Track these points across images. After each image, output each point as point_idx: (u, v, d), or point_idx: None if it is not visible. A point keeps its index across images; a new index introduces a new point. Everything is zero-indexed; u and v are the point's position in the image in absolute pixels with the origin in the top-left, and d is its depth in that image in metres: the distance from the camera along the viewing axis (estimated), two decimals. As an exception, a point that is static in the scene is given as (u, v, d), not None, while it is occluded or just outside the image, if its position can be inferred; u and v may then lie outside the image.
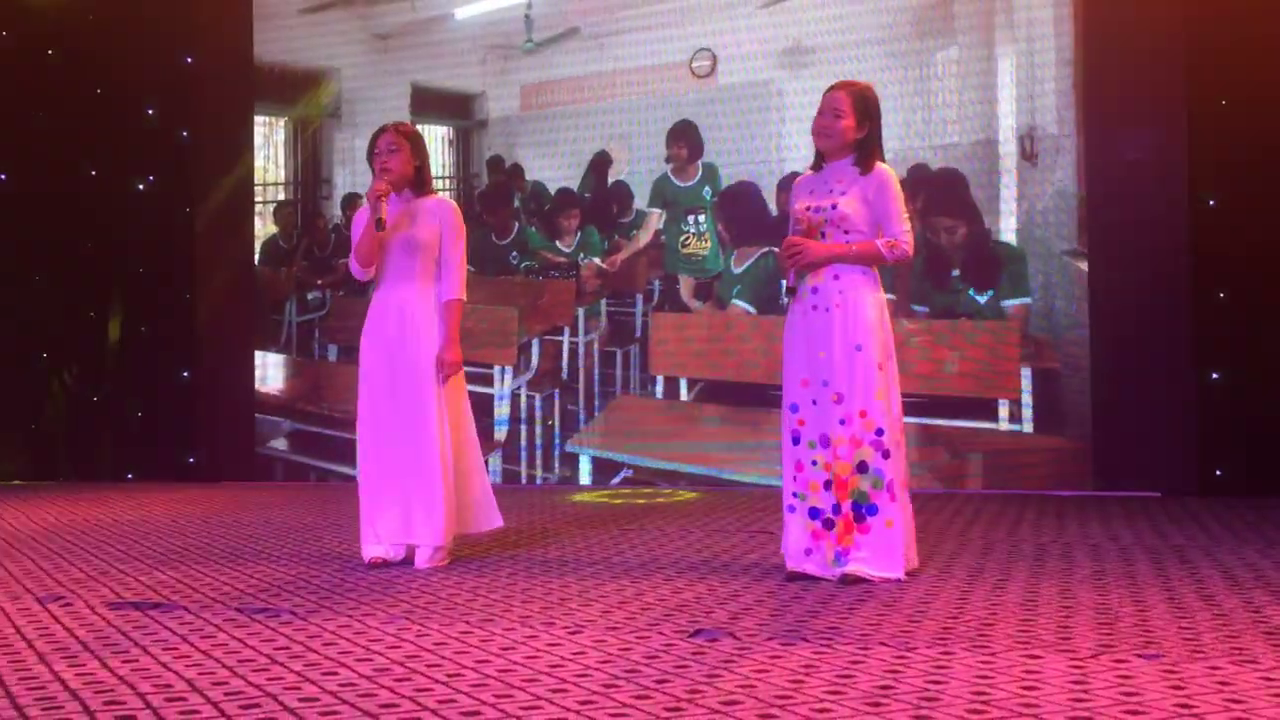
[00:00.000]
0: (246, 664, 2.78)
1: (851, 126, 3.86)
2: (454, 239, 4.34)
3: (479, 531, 4.49)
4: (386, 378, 4.29)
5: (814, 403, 3.82)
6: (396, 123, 4.49)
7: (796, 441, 3.85)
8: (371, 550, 4.30)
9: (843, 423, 3.75)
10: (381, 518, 4.27)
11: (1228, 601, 3.33)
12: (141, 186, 8.41)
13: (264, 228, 8.57)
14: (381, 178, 4.25)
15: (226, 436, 8.23)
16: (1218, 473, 6.16)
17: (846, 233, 3.84)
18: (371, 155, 4.36)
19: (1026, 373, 6.58)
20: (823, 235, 3.85)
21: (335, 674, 2.67)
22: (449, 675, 2.64)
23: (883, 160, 3.94)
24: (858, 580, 3.70)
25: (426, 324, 4.28)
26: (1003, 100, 6.74)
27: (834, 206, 3.83)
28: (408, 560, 4.30)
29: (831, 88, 3.94)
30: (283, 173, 8.65)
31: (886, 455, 3.74)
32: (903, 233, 3.84)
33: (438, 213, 4.34)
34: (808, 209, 3.87)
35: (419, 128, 4.72)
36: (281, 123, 8.60)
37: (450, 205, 4.45)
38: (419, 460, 4.22)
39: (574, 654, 2.82)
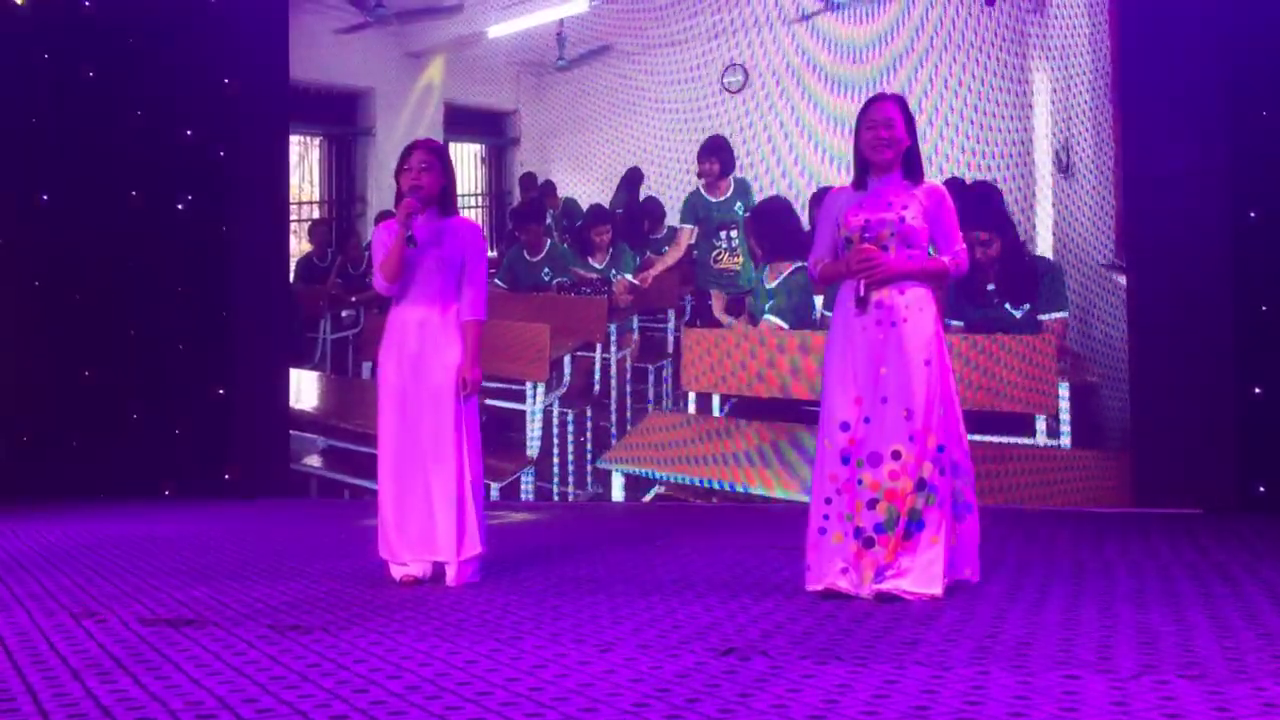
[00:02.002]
0: (278, 681, 2.78)
1: (904, 135, 3.83)
2: (477, 260, 4.37)
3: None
4: (408, 394, 4.29)
5: (866, 420, 3.73)
6: (427, 139, 4.51)
7: (846, 460, 3.75)
8: (400, 569, 4.29)
9: (912, 439, 3.68)
10: (404, 535, 4.26)
11: (1272, 620, 3.26)
12: (180, 206, 8.51)
13: (299, 246, 8.64)
14: (413, 195, 4.27)
15: (261, 453, 8.28)
16: (1260, 489, 6.06)
17: (910, 247, 3.79)
18: (401, 171, 4.36)
19: (1064, 387, 6.51)
20: (885, 249, 3.79)
21: (365, 691, 2.66)
22: (479, 693, 2.62)
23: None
24: (893, 599, 3.65)
25: (448, 341, 4.29)
26: (1038, 113, 6.69)
27: (901, 220, 3.78)
28: (439, 577, 4.29)
29: (874, 100, 3.90)
30: (318, 191, 8.72)
31: (943, 472, 3.70)
32: (963, 250, 3.86)
33: (463, 233, 4.37)
34: (868, 222, 3.81)
35: (451, 145, 4.74)
36: (317, 141, 8.68)
37: (476, 226, 4.51)
38: (441, 476, 4.22)
39: (604, 672, 2.79)
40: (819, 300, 6.91)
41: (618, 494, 7.50)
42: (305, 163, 8.71)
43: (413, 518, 4.25)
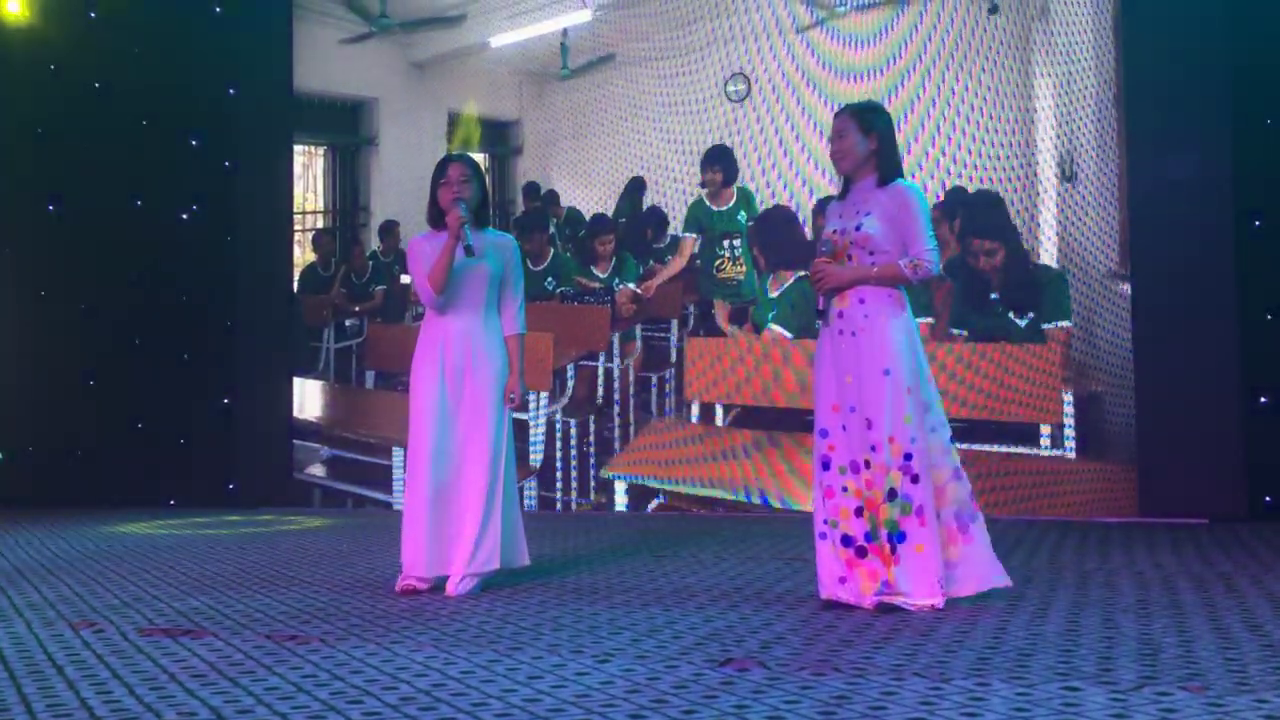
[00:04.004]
0: (273, 692, 2.77)
1: (858, 140, 3.83)
2: (518, 274, 4.45)
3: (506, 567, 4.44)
4: (448, 405, 4.28)
5: (844, 428, 3.76)
6: (463, 153, 4.55)
7: (827, 467, 3.80)
8: (408, 579, 4.26)
9: (874, 449, 3.69)
10: (434, 547, 4.23)
11: (1276, 632, 3.23)
12: (185, 215, 8.53)
13: (303, 255, 8.65)
14: (457, 207, 4.26)
15: (265, 462, 8.28)
16: (1267, 499, 6.02)
17: (871, 254, 3.77)
18: (440, 184, 4.36)
19: (1069, 396, 6.48)
20: (849, 258, 3.80)
21: (360, 703, 2.65)
22: (474, 704, 2.61)
23: (901, 174, 3.89)
24: (893, 609, 3.63)
25: (494, 354, 4.33)
26: (1041, 121, 6.67)
27: (858, 228, 3.79)
28: (438, 587, 4.28)
29: (834, 116, 3.95)
30: (321, 201, 8.73)
31: (915, 480, 3.67)
32: (926, 251, 3.73)
33: (504, 247, 4.43)
34: (834, 232, 3.85)
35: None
36: (321, 151, 8.70)
37: (513, 241, 4.55)
38: (477, 488, 4.21)
39: (601, 683, 2.78)
40: (822, 309, 6.89)
41: (621, 503, 7.48)
42: (309, 172, 8.72)
43: (442, 531, 4.23)
